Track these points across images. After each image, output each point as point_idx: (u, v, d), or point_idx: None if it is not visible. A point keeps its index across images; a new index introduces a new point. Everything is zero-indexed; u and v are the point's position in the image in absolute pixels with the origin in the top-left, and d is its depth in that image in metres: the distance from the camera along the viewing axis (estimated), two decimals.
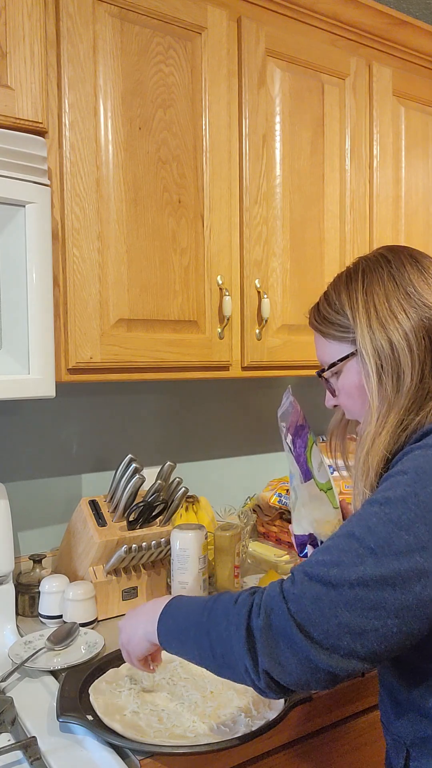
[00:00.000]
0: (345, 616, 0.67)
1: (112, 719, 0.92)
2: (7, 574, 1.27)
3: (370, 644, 0.67)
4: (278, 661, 0.70)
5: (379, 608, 0.66)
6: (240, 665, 0.73)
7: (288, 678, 0.70)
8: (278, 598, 0.72)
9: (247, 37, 1.37)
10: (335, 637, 0.67)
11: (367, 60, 1.59)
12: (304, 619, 0.68)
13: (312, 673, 0.69)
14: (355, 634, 0.67)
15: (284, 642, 0.69)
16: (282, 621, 0.70)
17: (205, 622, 0.77)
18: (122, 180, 1.22)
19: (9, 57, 1.07)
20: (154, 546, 1.33)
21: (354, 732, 1.11)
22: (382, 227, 1.62)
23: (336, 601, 0.68)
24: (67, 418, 1.55)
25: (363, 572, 0.67)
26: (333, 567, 0.69)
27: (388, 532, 0.68)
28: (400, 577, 0.66)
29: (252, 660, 0.72)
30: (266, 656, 0.70)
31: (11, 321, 1.06)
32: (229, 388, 1.82)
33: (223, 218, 1.35)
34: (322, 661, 0.68)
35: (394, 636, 0.67)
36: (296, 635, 0.68)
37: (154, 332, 1.28)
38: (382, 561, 0.67)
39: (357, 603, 0.67)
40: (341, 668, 0.68)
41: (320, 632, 0.68)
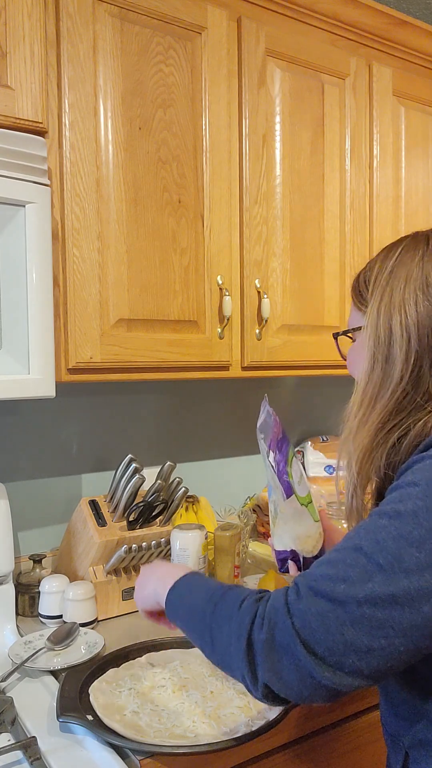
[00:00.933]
0: (351, 633, 0.65)
1: (112, 719, 0.92)
2: (7, 574, 1.27)
3: (376, 663, 0.66)
4: (279, 675, 0.69)
5: (387, 627, 0.65)
6: (238, 673, 0.73)
7: (288, 692, 0.69)
8: (282, 611, 0.70)
9: (247, 37, 1.37)
10: (340, 654, 0.66)
11: (367, 60, 1.59)
12: (308, 636, 0.67)
13: (314, 689, 0.68)
14: (361, 653, 0.65)
15: (287, 658, 0.68)
16: (286, 637, 0.68)
17: (209, 616, 0.76)
18: (122, 180, 1.22)
19: (9, 57, 1.07)
20: (154, 546, 1.33)
21: (354, 732, 1.11)
22: (382, 227, 1.62)
23: (342, 618, 0.66)
24: (67, 418, 1.55)
25: (371, 590, 0.65)
26: (340, 583, 0.67)
27: (398, 548, 0.66)
28: (409, 597, 0.64)
29: (251, 672, 0.71)
30: (267, 670, 0.69)
31: (11, 321, 1.06)
32: (229, 388, 1.82)
33: (223, 218, 1.35)
34: (325, 678, 0.66)
35: (401, 655, 0.66)
36: (300, 651, 0.67)
37: (154, 332, 1.28)
38: (392, 579, 0.65)
39: (364, 621, 0.65)
40: (344, 685, 0.67)
41: (324, 649, 0.66)
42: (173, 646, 1.18)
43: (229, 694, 1.00)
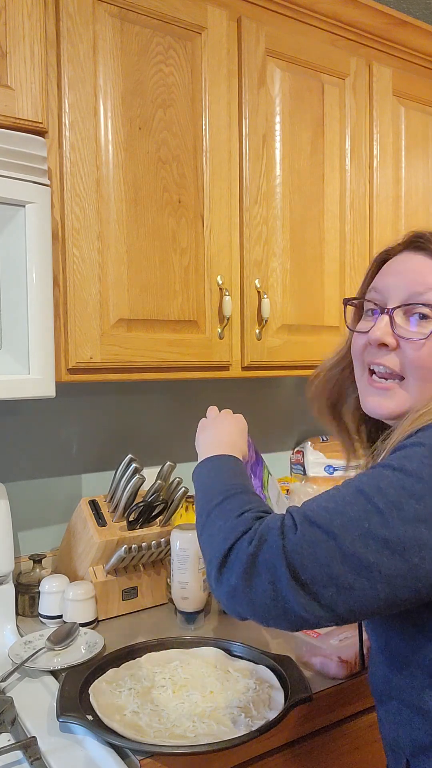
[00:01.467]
0: (338, 568, 0.66)
1: (111, 719, 0.92)
2: (7, 574, 1.27)
3: (353, 602, 0.66)
4: (252, 589, 0.69)
5: (374, 569, 0.65)
6: (209, 565, 0.74)
7: (253, 607, 0.70)
8: (276, 532, 0.70)
9: (247, 37, 1.37)
10: (321, 584, 0.66)
11: (367, 60, 1.59)
12: (295, 560, 0.67)
13: (282, 612, 0.68)
14: (342, 588, 0.66)
15: (267, 575, 0.68)
16: (273, 555, 0.68)
17: (214, 505, 0.77)
18: (122, 180, 1.22)
19: (9, 57, 1.07)
20: (154, 546, 1.33)
21: (354, 732, 1.11)
22: (382, 227, 1.62)
23: (333, 551, 0.66)
24: (67, 418, 1.55)
25: (367, 530, 0.66)
26: (337, 516, 0.68)
27: (399, 497, 0.66)
28: (402, 544, 0.65)
29: (219, 572, 0.72)
30: (240, 579, 0.69)
31: (11, 321, 1.06)
32: (229, 388, 1.82)
33: (223, 218, 1.35)
34: (298, 604, 0.67)
35: (380, 601, 0.66)
36: (283, 573, 0.67)
37: (154, 332, 1.28)
38: (389, 523, 0.65)
39: (354, 559, 0.65)
40: (313, 615, 0.67)
41: (309, 576, 0.66)
42: (173, 646, 1.18)
43: (229, 694, 1.00)
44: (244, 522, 0.74)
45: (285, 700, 0.99)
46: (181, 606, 1.30)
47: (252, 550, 0.70)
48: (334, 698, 1.07)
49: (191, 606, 1.29)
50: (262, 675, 1.07)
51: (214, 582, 0.73)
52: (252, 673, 1.08)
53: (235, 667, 1.10)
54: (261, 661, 1.11)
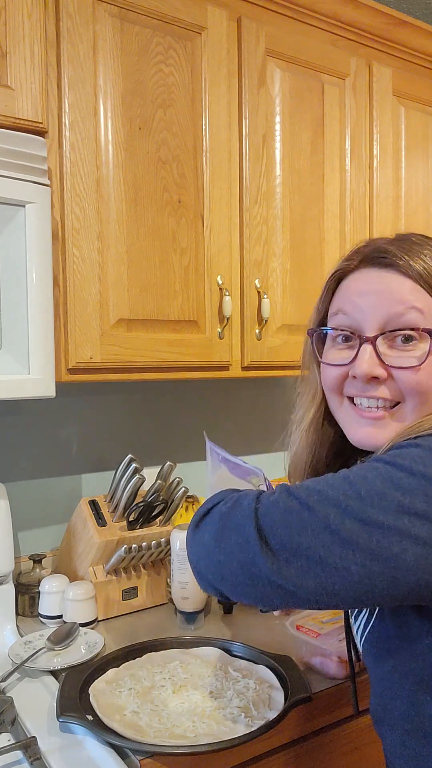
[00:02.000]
0: (309, 539, 0.63)
1: (111, 719, 0.92)
2: (7, 574, 1.27)
3: (324, 577, 0.62)
4: (222, 548, 0.68)
5: (347, 549, 0.62)
6: (189, 528, 0.74)
7: (219, 568, 0.68)
8: (252, 497, 0.69)
9: (247, 37, 1.37)
10: (291, 552, 0.63)
11: (367, 60, 1.59)
12: (266, 524, 0.65)
13: (249, 578, 0.66)
14: (312, 561, 0.63)
15: (236, 535, 0.67)
16: (243, 517, 0.67)
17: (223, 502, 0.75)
18: (122, 180, 1.22)
19: (9, 57, 1.07)
20: (154, 546, 1.33)
21: (354, 732, 1.11)
22: (382, 227, 1.62)
23: (306, 521, 0.64)
24: (67, 418, 1.55)
25: (344, 508, 0.63)
26: (315, 493, 0.65)
27: (384, 488, 0.63)
28: (381, 530, 0.61)
29: (192, 532, 0.72)
30: (213, 538, 0.68)
31: (11, 321, 1.06)
32: (229, 388, 1.82)
33: (223, 218, 1.35)
34: (266, 567, 0.64)
35: (354, 584, 0.62)
36: (252, 534, 0.65)
37: (154, 332, 1.28)
38: (367, 509, 0.62)
39: (326, 534, 0.62)
40: (283, 584, 0.64)
41: (278, 542, 0.64)
42: (173, 646, 1.18)
43: (229, 694, 1.00)
44: (223, 493, 0.74)
45: (285, 700, 0.99)
46: (181, 606, 1.30)
47: (225, 509, 0.70)
48: (334, 698, 1.07)
49: (191, 606, 1.29)
50: (262, 675, 1.07)
51: (188, 543, 0.73)
52: (252, 673, 1.08)
53: (235, 667, 1.10)
54: (261, 661, 1.11)
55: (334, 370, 0.80)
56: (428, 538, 0.61)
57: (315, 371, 0.86)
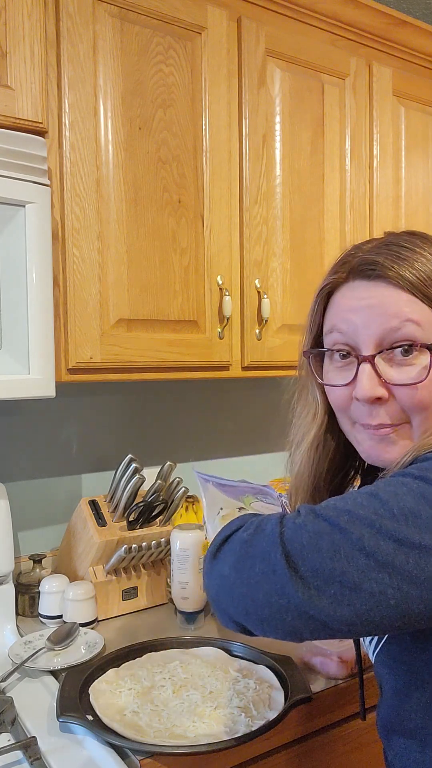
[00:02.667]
0: (343, 563, 0.58)
1: (111, 719, 0.92)
2: (7, 574, 1.27)
3: (360, 605, 0.58)
4: (244, 578, 0.62)
5: (384, 572, 0.58)
6: (206, 559, 0.69)
7: (242, 600, 0.62)
8: (275, 521, 0.64)
9: (247, 37, 1.37)
10: (324, 579, 0.58)
11: (367, 60, 1.59)
12: (295, 549, 0.60)
13: (276, 611, 0.60)
14: (347, 587, 0.58)
15: (261, 563, 0.62)
16: (268, 544, 0.62)
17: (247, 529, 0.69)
18: (122, 180, 1.22)
19: (9, 57, 1.07)
20: (154, 546, 1.33)
21: (354, 732, 1.11)
22: (382, 227, 1.62)
23: (339, 544, 0.59)
24: (67, 418, 1.55)
25: (378, 529, 0.59)
26: (345, 514, 0.61)
27: (417, 504, 0.60)
28: (417, 550, 0.58)
29: (210, 564, 0.66)
30: (233, 569, 0.63)
31: (11, 321, 1.06)
32: (229, 388, 1.82)
33: (223, 218, 1.35)
34: (296, 597, 0.59)
35: (390, 608, 0.58)
36: (279, 562, 0.60)
37: (154, 332, 1.28)
38: (401, 527, 0.58)
39: (360, 557, 0.58)
40: (315, 613, 0.59)
41: (309, 568, 0.59)
42: (173, 646, 1.18)
43: (229, 694, 1.00)
44: (242, 518, 0.69)
45: (285, 700, 0.99)
46: (181, 606, 1.30)
47: (246, 537, 0.65)
48: (334, 698, 1.07)
49: (191, 606, 1.29)
50: (262, 675, 1.07)
51: (206, 577, 0.68)
52: (252, 673, 1.08)
53: (235, 667, 1.10)
54: (261, 661, 1.11)
55: (337, 391, 0.77)
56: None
57: (315, 392, 0.83)
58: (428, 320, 0.71)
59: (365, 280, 0.74)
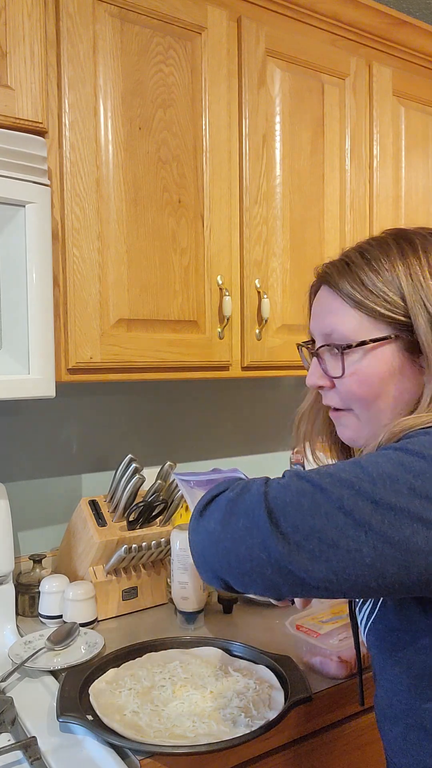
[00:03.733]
0: (322, 521, 0.62)
1: (111, 719, 0.92)
2: (7, 574, 1.27)
3: (336, 562, 0.62)
4: (229, 532, 0.66)
5: (360, 531, 0.61)
6: (192, 517, 0.73)
7: (226, 555, 0.66)
8: (260, 482, 0.69)
9: (247, 37, 1.37)
10: (303, 535, 0.62)
11: (367, 60, 1.59)
12: (277, 507, 0.64)
13: (257, 565, 0.64)
14: (325, 544, 0.62)
15: (245, 519, 0.66)
16: (253, 501, 0.66)
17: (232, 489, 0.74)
18: (122, 180, 1.22)
19: (9, 57, 1.07)
20: (154, 546, 1.33)
21: (354, 732, 1.11)
22: (382, 227, 1.61)
23: (319, 502, 0.63)
24: (67, 418, 1.55)
25: (357, 491, 0.63)
26: (328, 477, 0.65)
27: (395, 471, 0.63)
28: (393, 512, 0.61)
29: (196, 521, 0.70)
30: (219, 523, 0.67)
31: (11, 321, 1.06)
32: (229, 388, 1.82)
33: (223, 218, 1.35)
34: (276, 551, 0.63)
35: (365, 567, 0.61)
36: (262, 517, 0.64)
37: (154, 332, 1.28)
38: (379, 490, 0.62)
39: (339, 515, 0.62)
40: (294, 568, 0.63)
41: (290, 524, 0.63)
42: (173, 646, 1.18)
43: (229, 694, 1.00)
44: (228, 481, 0.74)
45: (285, 700, 0.99)
46: (181, 606, 1.30)
47: (232, 495, 0.69)
48: (334, 698, 1.07)
49: (191, 606, 1.29)
50: (262, 675, 1.07)
51: (192, 533, 0.71)
52: (252, 673, 1.08)
53: (235, 667, 1.10)
54: (261, 661, 1.11)
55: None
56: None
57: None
58: (353, 325, 0.79)
59: (324, 285, 0.85)
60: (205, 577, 0.72)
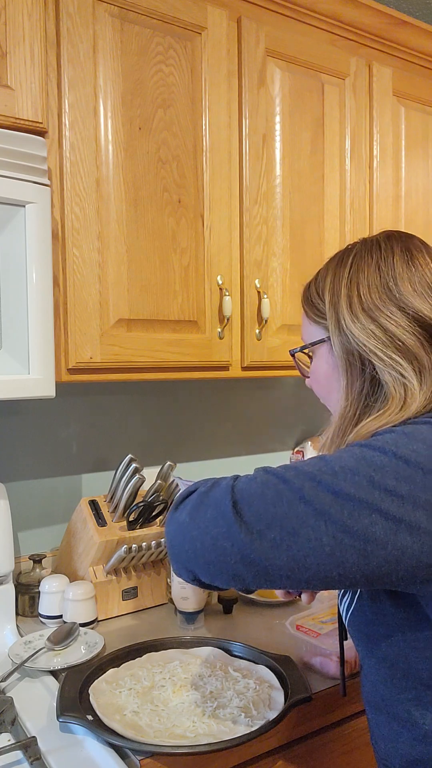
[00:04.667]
0: (284, 509, 0.65)
1: (111, 719, 0.92)
2: (7, 574, 1.27)
3: (297, 549, 0.64)
4: (197, 521, 0.69)
5: (320, 520, 0.64)
6: (169, 511, 0.76)
7: (192, 543, 0.69)
8: (230, 477, 0.73)
9: (247, 37, 1.37)
10: (265, 523, 0.65)
11: (367, 60, 1.59)
12: (242, 498, 0.68)
13: (221, 554, 0.67)
14: (286, 532, 0.64)
15: (212, 509, 0.69)
16: (221, 494, 0.70)
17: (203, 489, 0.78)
18: (122, 180, 1.22)
19: (9, 57, 1.07)
20: (154, 546, 1.33)
21: (354, 732, 1.11)
22: (382, 227, 1.61)
23: (282, 492, 0.66)
24: (67, 418, 1.55)
25: (319, 481, 0.66)
26: (292, 470, 0.69)
27: (357, 464, 0.66)
28: (352, 502, 0.64)
29: (171, 513, 0.74)
30: (189, 515, 0.71)
31: (11, 321, 1.06)
32: (229, 388, 1.82)
33: (223, 218, 1.35)
34: (239, 540, 0.65)
35: (324, 557, 0.64)
36: (227, 507, 0.67)
37: (154, 332, 1.28)
38: (339, 482, 0.65)
39: (300, 504, 0.65)
40: (256, 557, 0.65)
41: (253, 513, 0.66)
42: (173, 646, 1.18)
43: (229, 694, 1.00)
44: (204, 480, 0.77)
45: (285, 700, 0.99)
46: (181, 606, 1.30)
47: (203, 490, 0.73)
48: (334, 698, 1.07)
49: (191, 606, 1.29)
50: (262, 675, 1.07)
51: (166, 525, 0.75)
52: (252, 673, 1.08)
53: (235, 667, 1.10)
54: (261, 661, 1.11)
55: None
56: (397, 513, 0.63)
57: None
58: (308, 332, 0.90)
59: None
60: (175, 568, 0.75)
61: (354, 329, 0.79)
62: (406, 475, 0.65)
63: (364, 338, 0.78)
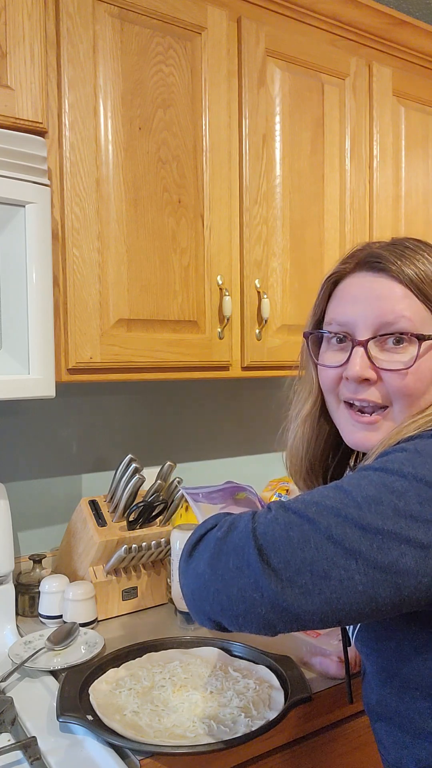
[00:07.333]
0: (312, 553, 0.61)
1: (111, 719, 0.92)
2: (7, 574, 1.27)
3: (330, 592, 0.61)
4: (219, 574, 0.65)
5: (350, 559, 0.61)
6: (181, 559, 0.71)
7: (218, 596, 0.65)
8: (247, 517, 0.67)
9: (247, 37, 1.37)
10: (294, 570, 0.62)
11: (367, 60, 1.59)
12: (267, 543, 0.63)
13: (250, 605, 0.63)
14: (317, 576, 0.61)
15: (235, 558, 0.64)
16: (242, 539, 0.65)
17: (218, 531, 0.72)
18: (122, 180, 1.22)
19: (9, 57, 1.07)
20: (154, 546, 1.33)
21: (354, 732, 1.11)
22: (382, 227, 1.62)
23: (308, 534, 0.62)
24: (67, 418, 1.55)
25: (344, 518, 0.62)
26: (313, 505, 0.65)
27: (379, 492, 0.63)
28: (380, 536, 0.61)
29: (185, 563, 0.69)
30: (209, 566, 0.66)
31: (11, 321, 1.06)
32: (229, 388, 1.82)
33: (223, 218, 1.35)
34: (269, 589, 0.62)
35: (358, 594, 0.61)
36: (252, 555, 0.63)
37: (154, 332, 1.28)
38: (365, 515, 0.62)
39: (329, 545, 0.61)
40: (288, 605, 0.61)
41: (281, 560, 0.62)
42: (173, 646, 1.18)
43: (229, 694, 1.00)
44: (215, 517, 0.72)
45: (285, 700, 0.99)
46: (181, 606, 1.30)
47: (220, 534, 0.67)
48: (334, 698, 1.07)
49: None
50: (262, 675, 1.07)
51: (182, 575, 0.70)
52: (252, 673, 1.08)
53: (235, 667, 1.10)
54: (261, 661, 1.11)
55: (329, 371, 0.82)
56: (424, 539, 0.62)
57: (312, 371, 0.88)
58: (421, 316, 0.76)
59: (370, 272, 0.79)
60: (197, 619, 0.70)
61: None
62: (428, 497, 0.63)
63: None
